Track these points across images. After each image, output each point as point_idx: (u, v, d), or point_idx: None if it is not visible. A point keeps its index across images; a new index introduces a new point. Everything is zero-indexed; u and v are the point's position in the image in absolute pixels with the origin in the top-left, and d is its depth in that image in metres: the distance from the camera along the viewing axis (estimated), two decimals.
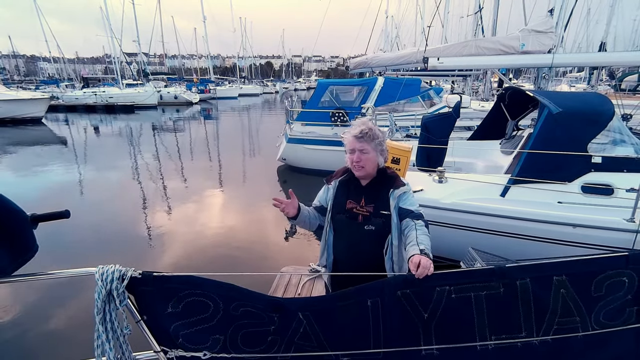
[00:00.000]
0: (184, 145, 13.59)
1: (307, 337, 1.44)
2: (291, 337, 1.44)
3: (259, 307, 1.41)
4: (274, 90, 55.65)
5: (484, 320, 1.45)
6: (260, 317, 1.42)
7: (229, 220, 6.19)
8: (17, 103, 19.05)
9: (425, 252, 1.49)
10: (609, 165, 3.45)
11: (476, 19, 14.70)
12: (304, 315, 1.43)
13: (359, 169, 1.77)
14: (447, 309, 1.43)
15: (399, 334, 1.46)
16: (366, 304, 1.44)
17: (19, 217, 1.22)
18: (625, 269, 1.46)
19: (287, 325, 1.43)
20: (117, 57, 33.70)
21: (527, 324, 1.47)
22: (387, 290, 1.44)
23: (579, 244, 3.21)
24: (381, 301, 1.44)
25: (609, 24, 19.26)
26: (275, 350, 1.45)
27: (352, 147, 1.76)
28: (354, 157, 1.76)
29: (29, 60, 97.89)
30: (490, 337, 1.46)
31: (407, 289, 1.43)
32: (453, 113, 5.15)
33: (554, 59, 6.12)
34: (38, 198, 7.24)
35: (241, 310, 1.40)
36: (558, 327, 1.47)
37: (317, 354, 1.47)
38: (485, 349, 1.47)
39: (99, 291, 1.23)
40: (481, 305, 1.44)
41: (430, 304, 1.43)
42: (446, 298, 1.43)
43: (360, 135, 1.73)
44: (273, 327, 1.43)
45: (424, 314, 1.44)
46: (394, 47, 27.19)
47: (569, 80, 25.54)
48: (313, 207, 1.95)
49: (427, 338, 1.46)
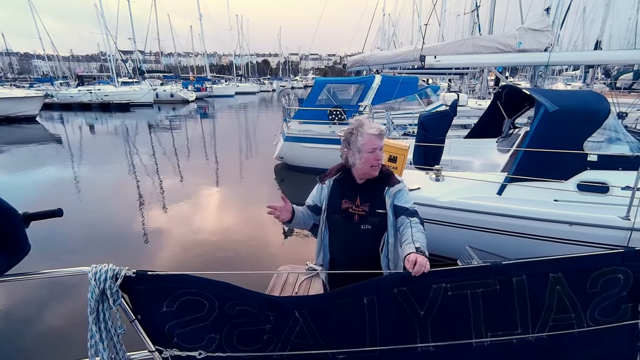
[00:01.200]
0: (180, 144, 13.52)
1: (304, 335, 1.44)
2: (287, 335, 1.44)
3: (255, 306, 1.40)
4: (270, 88, 55.52)
5: (480, 317, 1.46)
6: (256, 316, 1.41)
7: (225, 219, 6.17)
8: (11, 101, 18.82)
9: (421, 249, 1.49)
10: (605, 163, 3.46)
11: (473, 17, 14.72)
12: (300, 313, 1.42)
13: (376, 168, 1.76)
14: (443, 306, 1.44)
15: (395, 331, 1.46)
16: (362, 301, 1.44)
17: (11, 215, 1.20)
18: (620, 266, 1.47)
19: (283, 324, 1.42)
20: (112, 54, 33.47)
21: (522, 320, 1.47)
22: (383, 288, 1.44)
23: (575, 241, 3.23)
24: (377, 299, 1.44)
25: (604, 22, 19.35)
26: (271, 349, 1.44)
27: (374, 145, 1.70)
28: (375, 156, 1.71)
29: (22, 58, 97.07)
30: (486, 334, 1.47)
31: (404, 286, 1.43)
32: (450, 111, 5.16)
33: (551, 57, 6.15)
34: (31, 197, 7.16)
35: (237, 309, 1.39)
36: (553, 324, 1.48)
37: (313, 352, 1.46)
38: (481, 345, 1.47)
39: (92, 290, 1.22)
40: (477, 302, 1.45)
41: (427, 301, 1.44)
42: (442, 295, 1.43)
43: (381, 133, 1.72)
44: (269, 326, 1.42)
45: (420, 312, 1.44)
46: (391, 45, 27.15)
47: (565, 79, 25.68)
48: (306, 206, 1.94)
49: (423, 335, 1.46)
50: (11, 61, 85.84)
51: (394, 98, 8.95)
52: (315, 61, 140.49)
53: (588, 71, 17.94)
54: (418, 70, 11.61)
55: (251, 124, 20.27)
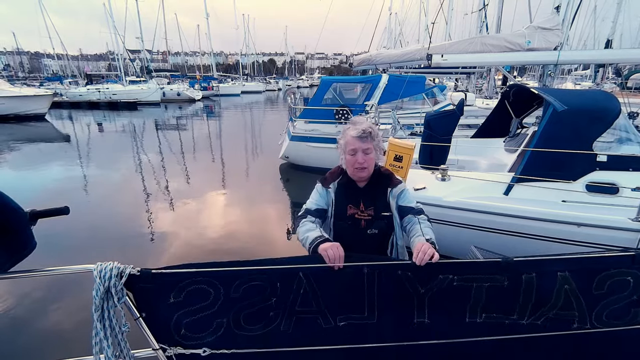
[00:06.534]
0: (186, 143, 13.60)
1: (307, 301, 1.46)
2: (292, 305, 1.46)
3: (262, 278, 1.42)
4: (276, 87, 55.57)
5: (480, 302, 1.47)
6: (262, 290, 1.42)
7: (230, 218, 6.19)
8: (21, 100, 19.10)
9: (432, 241, 1.49)
10: (614, 164, 3.41)
11: (480, 15, 14.60)
12: (304, 274, 1.44)
13: (362, 171, 1.68)
14: (445, 290, 1.46)
15: (393, 304, 1.48)
16: (362, 270, 1.46)
17: (17, 213, 1.21)
18: (630, 269, 1.44)
19: (288, 290, 1.44)
20: (120, 54, 33.84)
21: (521, 311, 1.48)
22: (386, 267, 1.46)
23: (583, 243, 3.18)
24: (378, 273, 1.46)
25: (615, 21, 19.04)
26: (277, 323, 1.47)
27: (353, 147, 1.65)
28: (356, 159, 1.66)
29: (33, 57, 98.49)
30: (481, 315, 1.49)
31: (409, 271, 1.44)
32: (456, 111, 5.11)
33: (560, 56, 6.07)
34: (39, 194, 7.26)
35: (243, 289, 1.41)
36: (553, 317, 1.48)
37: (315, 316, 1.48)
38: (474, 322, 1.50)
39: (97, 288, 1.23)
40: (481, 293, 1.46)
41: (429, 284, 1.45)
42: (447, 284, 1.45)
43: (363, 135, 1.64)
44: (274, 299, 1.44)
45: (420, 289, 1.46)
46: (398, 44, 27.06)
47: (574, 78, 25.34)
48: (314, 209, 1.82)
49: (420, 310, 1.49)
50: (22, 60, 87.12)
51: (400, 97, 8.87)
52: (321, 60, 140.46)
53: (598, 70, 17.69)
54: (424, 70, 11.51)
55: (257, 123, 20.31)
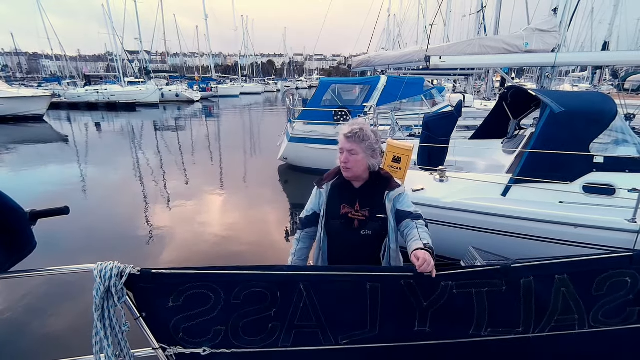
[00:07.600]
0: (185, 144, 13.60)
1: (307, 315, 1.44)
2: (291, 318, 1.44)
3: (262, 285, 1.41)
4: (275, 88, 55.59)
5: (483, 314, 1.47)
6: (263, 297, 1.41)
7: (228, 220, 6.18)
8: (19, 100, 19.05)
9: (430, 246, 1.50)
10: (611, 165, 3.43)
11: (478, 17, 14.66)
12: (305, 286, 1.42)
13: (345, 170, 1.73)
14: (447, 301, 1.46)
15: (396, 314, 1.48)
16: (365, 286, 1.44)
17: (17, 213, 1.22)
18: (628, 269, 1.45)
19: (288, 302, 1.43)
20: (119, 55, 33.84)
21: (526, 321, 1.48)
22: (389, 278, 1.46)
23: (580, 244, 3.20)
24: (381, 287, 1.44)
25: (612, 23, 19.17)
26: (276, 337, 1.46)
27: (341, 146, 1.71)
28: (342, 157, 1.71)
29: (31, 58, 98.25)
30: (486, 329, 1.49)
31: (411, 280, 1.44)
32: (455, 112, 5.13)
33: (557, 58, 6.10)
34: (38, 195, 7.25)
35: (244, 295, 1.40)
36: (555, 325, 1.49)
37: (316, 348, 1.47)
38: (478, 335, 1.49)
39: (97, 288, 1.23)
40: (482, 300, 1.46)
41: (433, 295, 1.45)
42: (449, 293, 1.45)
43: (349, 134, 1.67)
44: (274, 310, 1.43)
45: (423, 302, 1.46)
46: (396, 46, 27.14)
47: (572, 80, 25.43)
48: (305, 217, 1.90)
49: (422, 320, 1.48)
50: (20, 61, 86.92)
51: (399, 99, 8.89)
52: (320, 62, 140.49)
53: (595, 72, 17.78)
54: (423, 71, 11.54)
55: (255, 124, 20.31)
